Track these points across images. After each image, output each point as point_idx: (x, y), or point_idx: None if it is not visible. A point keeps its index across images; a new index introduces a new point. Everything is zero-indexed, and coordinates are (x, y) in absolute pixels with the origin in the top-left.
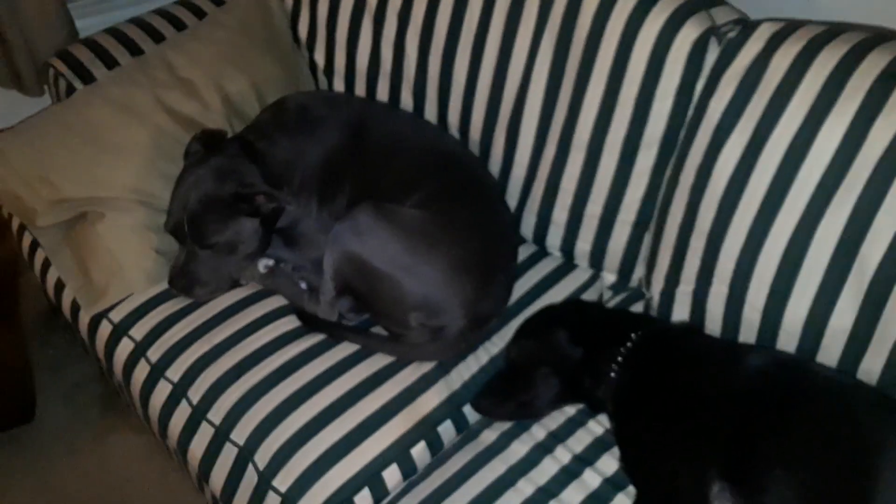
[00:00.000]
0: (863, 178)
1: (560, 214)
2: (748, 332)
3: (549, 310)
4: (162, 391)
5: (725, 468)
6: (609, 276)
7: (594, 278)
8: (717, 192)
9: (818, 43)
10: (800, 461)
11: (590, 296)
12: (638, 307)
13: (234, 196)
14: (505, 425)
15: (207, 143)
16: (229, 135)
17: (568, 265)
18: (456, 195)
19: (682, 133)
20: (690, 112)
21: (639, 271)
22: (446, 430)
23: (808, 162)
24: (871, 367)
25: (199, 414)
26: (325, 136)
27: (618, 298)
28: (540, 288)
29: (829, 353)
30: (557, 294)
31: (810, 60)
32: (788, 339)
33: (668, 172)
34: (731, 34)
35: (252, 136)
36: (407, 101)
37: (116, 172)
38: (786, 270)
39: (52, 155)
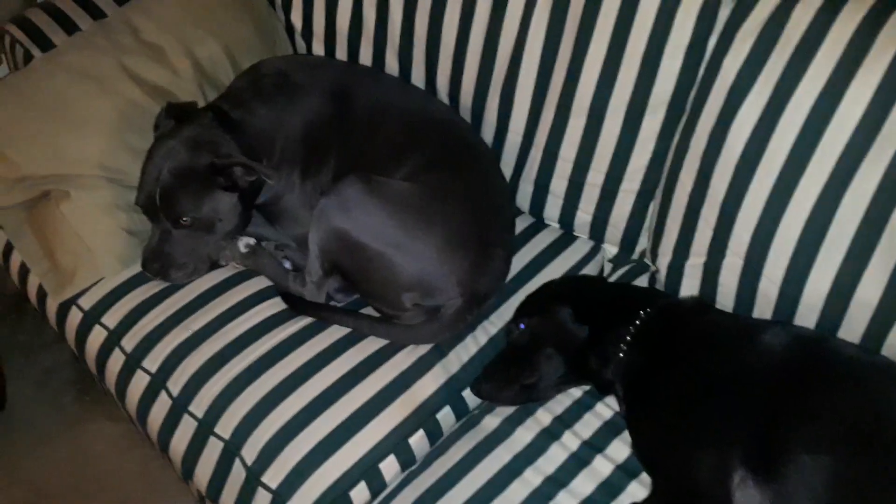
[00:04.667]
0: (895, 141)
1: (559, 184)
2: (764, 306)
3: (551, 286)
4: (139, 383)
5: (748, 455)
6: (611, 248)
7: (595, 251)
8: (733, 158)
9: None
10: (827, 447)
11: (591, 269)
12: (642, 280)
13: (210, 167)
14: (507, 410)
15: (178, 115)
16: (200, 105)
17: (567, 237)
18: (449, 165)
19: (693, 94)
20: (702, 71)
21: (642, 243)
22: (445, 416)
23: (833, 124)
24: None
25: (179, 406)
26: (307, 103)
27: (620, 272)
28: (539, 262)
29: (853, 327)
30: (557, 268)
31: (835, 14)
32: (808, 312)
33: (676, 137)
34: None
35: (226, 105)
36: (392, 65)
37: (81, 147)
38: (808, 241)
39: (9, 129)
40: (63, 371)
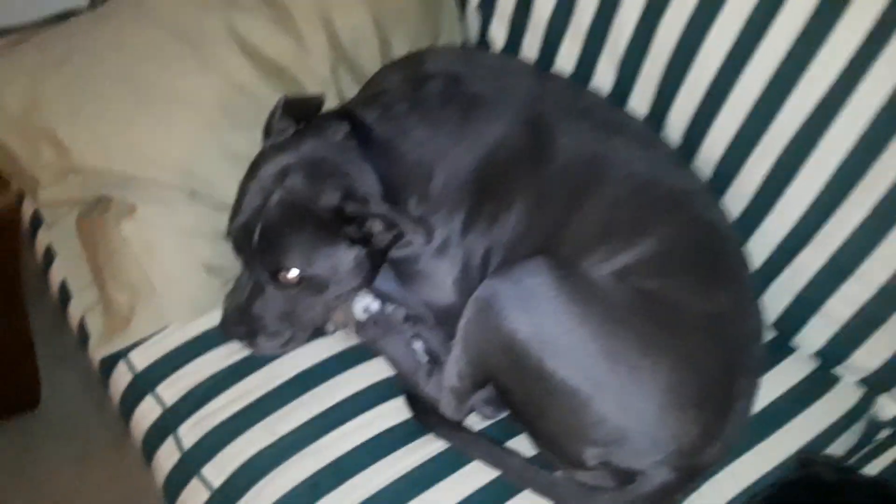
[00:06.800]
0: None
1: (841, 308)
2: None
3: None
4: (196, 495)
5: None
6: (890, 406)
7: (865, 403)
8: None
9: None
10: None
11: (855, 430)
12: None
13: (336, 213)
14: None
15: (299, 117)
16: (330, 101)
17: (823, 375)
18: (689, 264)
19: None
20: None
21: None
22: None
23: None
24: None
25: None
26: (488, 128)
27: None
28: (781, 409)
29: None
30: (807, 423)
31: None
32: None
33: None
34: None
35: (370, 115)
36: (605, 76)
37: (161, 141)
38: None
39: (63, 100)
40: None
